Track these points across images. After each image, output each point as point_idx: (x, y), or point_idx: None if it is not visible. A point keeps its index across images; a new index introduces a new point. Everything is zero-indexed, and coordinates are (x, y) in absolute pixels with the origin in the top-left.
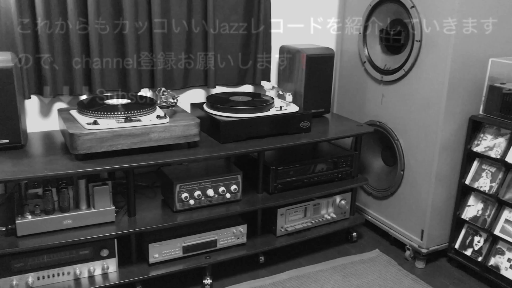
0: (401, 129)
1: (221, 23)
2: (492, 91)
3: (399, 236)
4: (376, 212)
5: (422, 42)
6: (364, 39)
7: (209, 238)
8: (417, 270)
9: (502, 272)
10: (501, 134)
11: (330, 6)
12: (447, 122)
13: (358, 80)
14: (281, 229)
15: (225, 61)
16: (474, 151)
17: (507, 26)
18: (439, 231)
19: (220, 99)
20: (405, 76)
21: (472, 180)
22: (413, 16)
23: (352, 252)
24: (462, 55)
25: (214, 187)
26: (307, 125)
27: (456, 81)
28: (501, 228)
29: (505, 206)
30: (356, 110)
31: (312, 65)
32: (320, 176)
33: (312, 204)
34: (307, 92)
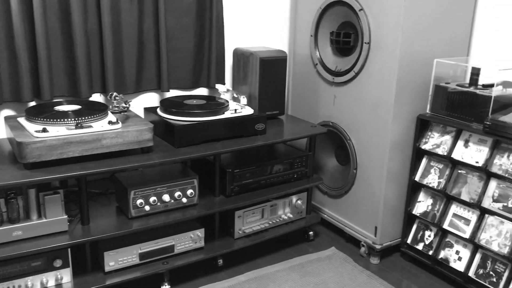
0: (353, 129)
1: (174, 26)
2: (438, 90)
3: (354, 233)
4: (331, 210)
5: (370, 44)
6: (316, 41)
7: (166, 244)
8: (372, 266)
9: (451, 264)
10: (447, 131)
11: (282, 9)
12: (396, 121)
13: (311, 82)
14: (239, 231)
15: (179, 64)
16: (423, 149)
17: (450, 27)
18: (392, 227)
19: (174, 103)
20: (356, 77)
21: (421, 176)
22: (361, 19)
23: (309, 250)
24: (408, 56)
25: (169, 192)
26: (262, 127)
27: (404, 81)
28: (449, 222)
29: (452, 200)
30: (309, 111)
31: (265, 67)
32: (276, 177)
33: (269, 205)
34: (262, 94)
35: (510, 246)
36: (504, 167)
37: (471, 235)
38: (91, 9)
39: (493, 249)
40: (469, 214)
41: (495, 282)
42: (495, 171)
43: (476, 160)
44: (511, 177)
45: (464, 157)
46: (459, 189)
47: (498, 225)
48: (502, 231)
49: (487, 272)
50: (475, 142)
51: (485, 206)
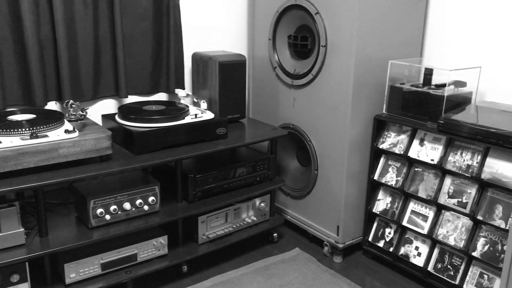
0: (313, 130)
1: (130, 31)
2: (393, 91)
3: (317, 233)
4: (294, 211)
5: (327, 47)
6: (274, 45)
7: (128, 253)
8: (335, 265)
9: (411, 260)
10: (403, 131)
11: (240, 13)
12: (354, 122)
13: (270, 85)
14: (202, 236)
15: (137, 69)
16: (380, 148)
17: (403, 29)
18: (353, 225)
19: (133, 109)
20: (314, 80)
21: (380, 175)
22: (317, 22)
23: (274, 252)
24: (364, 58)
25: (130, 200)
26: (224, 131)
27: (360, 83)
28: (408, 219)
29: (410, 198)
30: (270, 114)
31: (225, 71)
32: (239, 180)
33: (232, 209)
34: (222, 98)
35: (465, 240)
36: (457, 164)
37: (429, 231)
38: (44, 16)
39: (450, 243)
40: (426, 211)
41: (452, 275)
42: (450, 168)
43: (431, 158)
44: (464, 173)
45: (420, 155)
46: (416, 187)
47: (454, 220)
48: (458, 225)
49: (445, 266)
50: (430, 140)
51: (441, 202)
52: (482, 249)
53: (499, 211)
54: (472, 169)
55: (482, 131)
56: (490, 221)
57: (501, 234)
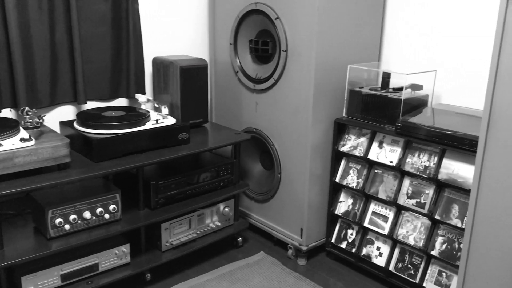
0: (276, 134)
1: (88, 36)
2: (352, 94)
3: (281, 237)
4: (259, 215)
5: (288, 52)
6: (235, 49)
7: (89, 263)
8: (299, 268)
9: (373, 260)
10: (363, 134)
11: (200, 17)
12: (315, 125)
13: (233, 89)
14: (166, 243)
15: (95, 75)
16: (341, 151)
17: (362, 34)
18: (317, 227)
19: (92, 115)
20: (275, 84)
21: (341, 177)
22: (278, 27)
23: (238, 257)
24: (324, 63)
25: (91, 208)
26: (186, 136)
27: (321, 87)
28: (369, 220)
29: (371, 199)
30: (233, 118)
31: (186, 76)
32: (202, 186)
33: (196, 214)
34: (184, 103)
35: (424, 239)
36: (415, 166)
37: (390, 231)
38: None
39: (410, 243)
40: (386, 212)
41: (413, 274)
42: (408, 170)
43: (390, 160)
44: (422, 174)
45: (379, 157)
46: (376, 188)
47: (413, 220)
48: (417, 225)
49: (406, 265)
50: (389, 143)
51: (401, 203)
52: (440, 247)
53: (456, 210)
54: (429, 170)
55: (438, 133)
56: (447, 221)
57: (458, 232)
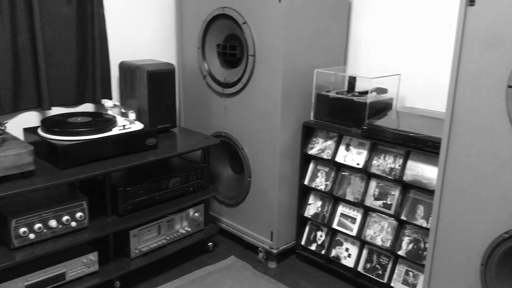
0: (245, 138)
1: (52, 40)
2: (320, 98)
3: (252, 240)
4: (229, 219)
5: (255, 56)
6: (203, 53)
7: (56, 272)
8: (270, 271)
9: (342, 261)
10: (330, 137)
11: (168, 22)
12: (284, 129)
13: (201, 94)
14: (135, 250)
15: (60, 80)
16: (309, 154)
17: (328, 39)
18: (287, 230)
19: (57, 121)
20: (244, 88)
21: (310, 180)
22: (245, 32)
23: (209, 262)
24: (291, 67)
25: (56, 217)
26: (154, 142)
27: (288, 91)
28: (338, 222)
29: (339, 201)
30: (202, 122)
31: (153, 81)
32: (171, 191)
33: (165, 220)
34: (151, 108)
35: (391, 240)
36: (381, 167)
37: (358, 232)
38: None
39: (377, 243)
40: (354, 213)
41: (381, 274)
42: (374, 172)
43: (357, 162)
44: (388, 176)
45: (346, 160)
46: (344, 190)
47: (380, 221)
48: (384, 226)
49: (374, 265)
50: (355, 145)
51: (368, 205)
52: (407, 247)
53: (421, 211)
54: (395, 172)
55: (402, 136)
56: (413, 221)
57: (423, 232)
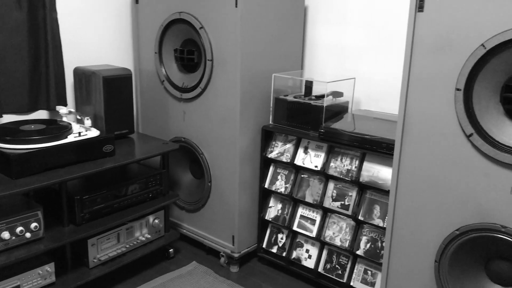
0: (205, 143)
1: (2, 46)
2: (278, 102)
3: (213, 245)
4: (190, 225)
5: (213, 61)
6: (161, 58)
7: (10, 285)
8: (232, 275)
9: (303, 262)
10: (289, 140)
11: (123, 26)
12: (243, 133)
13: (159, 99)
14: (93, 260)
15: (12, 86)
16: (269, 157)
17: (285, 44)
18: (248, 234)
19: (9, 129)
20: (202, 93)
21: (270, 183)
22: (202, 37)
23: (170, 268)
24: (249, 72)
25: (9, 228)
26: (111, 148)
27: (247, 95)
28: (298, 224)
29: (299, 203)
30: (160, 128)
31: (109, 86)
32: (130, 198)
33: (124, 228)
34: (108, 114)
35: (350, 240)
36: (338, 169)
37: (317, 233)
38: None
39: (337, 244)
40: (314, 215)
41: (340, 274)
42: (332, 173)
43: (315, 165)
44: (345, 177)
45: (305, 162)
46: (303, 192)
47: (339, 221)
48: (343, 227)
49: (334, 265)
50: (313, 148)
51: (326, 206)
52: (365, 247)
53: (377, 210)
54: (351, 173)
55: (358, 138)
56: (370, 221)
57: (380, 232)
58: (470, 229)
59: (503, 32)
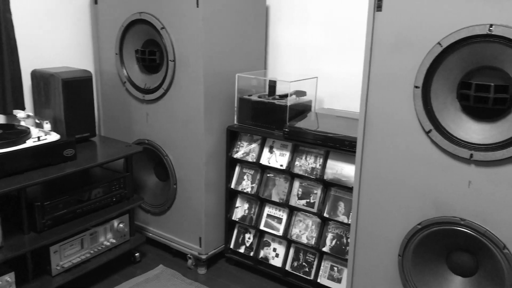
0: (169, 144)
1: None
2: (242, 102)
3: (180, 247)
4: (156, 228)
5: (175, 61)
6: (121, 59)
7: None
8: (200, 277)
9: (271, 261)
10: (254, 140)
11: (83, 28)
12: (208, 134)
13: (121, 101)
14: (56, 267)
15: None
16: (235, 158)
17: (247, 44)
18: (215, 235)
19: None
20: (165, 94)
21: (236, 183)
22: (164, 37)
23: (137, 273)
24: (212, 72)
25: None
26: (72, 152)
27: (211, 96)
28: (264, 223)
29: (265, 202)
30: (123, 130)
31: (69, 89)
32: (94, 203)
33: (88, 233)
34: (68, 117)
35: (316, 237)
36: (303, 168)
37: (284, 232)
38: None
39: (303, 241)
40: (280, 213)
41: (307, 271)
42: (297, 172)
43: (280, 164)
44: (310, 175)
45: (270, 162)
46: (269, 192)
47: (305, 219)
48: (309, 224)
49: (301, 263)
50: (278, 147)
51: (292, 204)
52: (331, 243)
53: (342, 207)
54: (316, 171)
55: (321, 137)
56: (335, 218)
57: (345, 228)
58: (431, 223)
59: (458, 31)
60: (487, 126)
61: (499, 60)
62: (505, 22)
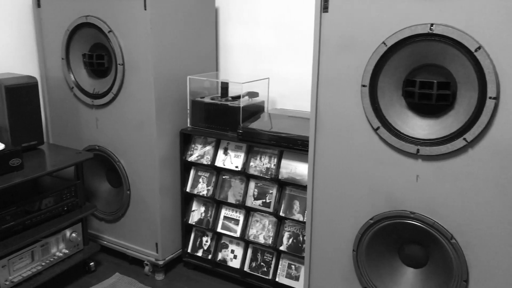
0: (121, 150)
1: None
2: (195, 105)
3: (137, 254)
4: (111, 235)
5: (124, 65)
6: (68, 64)
7: None
8: (157, 283)
9: (229, 263)
10: (208, 142)
11: (26, 32)
12: (161, 138)
13: (70, 107)
14: (5, 282)
15: None
16: (189, 161)
17: (198, 45)
18: (172, 240)
19: None
20: (115, 98)
21: (192, 187)
22: (112, 41)
23: (92, 283)
24: (163, 75)
25: None
26: (18, 162)
27: (162, 99)
28: (221, 225)
29: (222, 205)
30: (73, 137)
31: (13, 96)
32: (44, 213)
33: (39, 245)
34: (13, 126)
35: (273, 237)
36: (258, 168)
37: (241, 233)
38: None
39: (260, 242)
40: (237, 215)
41: (266, 271)
42: (252, 173)
43: (235, 165)
44: (265, 176)
45: (225, 163)
46: (225, 193)
47: (262, 219)
48: (265, 224)
49: (259, 263)
50: (233, 149)
51: (249, 205)
52: (287, 242)
53: (297, 206)
54: (271, 171)
55: (275, 137)
56: (290, 216)
57: (301, 226)
58: (383, 217)
59: (402, 30)
60: (432, 121)
61: (440, 58)
62: (445, 21)
